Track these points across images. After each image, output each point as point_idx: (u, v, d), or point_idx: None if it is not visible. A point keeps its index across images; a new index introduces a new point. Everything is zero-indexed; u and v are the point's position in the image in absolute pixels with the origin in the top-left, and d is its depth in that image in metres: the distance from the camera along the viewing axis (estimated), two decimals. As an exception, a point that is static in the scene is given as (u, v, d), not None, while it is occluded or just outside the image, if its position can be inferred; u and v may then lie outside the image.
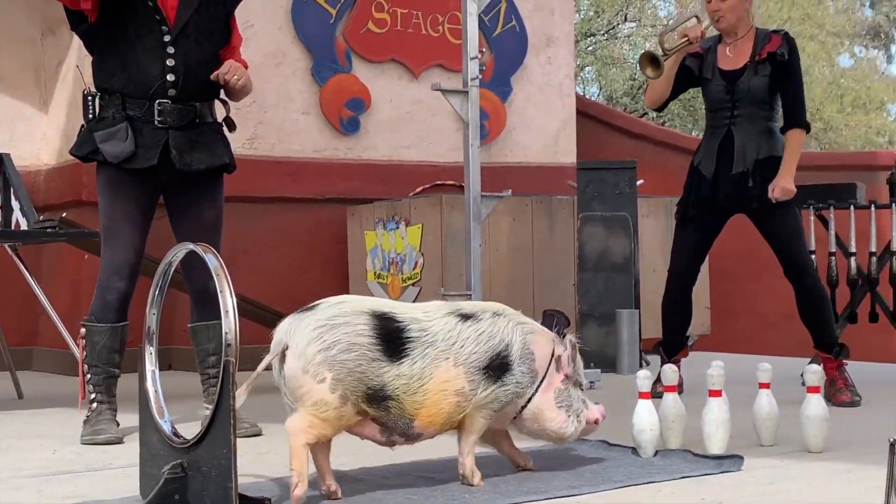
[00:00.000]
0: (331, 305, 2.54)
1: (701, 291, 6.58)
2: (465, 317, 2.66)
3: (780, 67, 4.25)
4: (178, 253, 2.52)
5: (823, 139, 19.59)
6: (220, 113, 3.85)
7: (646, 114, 16.88)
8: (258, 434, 3.68)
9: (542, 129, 7.48)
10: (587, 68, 18.28)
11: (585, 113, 8.17)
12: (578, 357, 2.83)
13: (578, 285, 5.88)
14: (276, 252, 6.52)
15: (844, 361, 4.27)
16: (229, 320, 2.26)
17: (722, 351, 6.71)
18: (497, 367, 2.64)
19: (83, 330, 3.69)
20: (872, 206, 4.95)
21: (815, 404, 3.17)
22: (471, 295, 4.56)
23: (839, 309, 4.98)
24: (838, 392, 4.20)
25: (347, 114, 6.75)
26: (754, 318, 8.23)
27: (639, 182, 5.96)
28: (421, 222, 5.98)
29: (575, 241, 6.00)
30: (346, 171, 6.71)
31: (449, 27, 6.99)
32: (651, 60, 4.29)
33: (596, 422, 2.86)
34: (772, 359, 6.03)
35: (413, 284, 6.02)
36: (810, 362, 4.75)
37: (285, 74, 6.58)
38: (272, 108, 6.54)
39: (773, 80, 4.27)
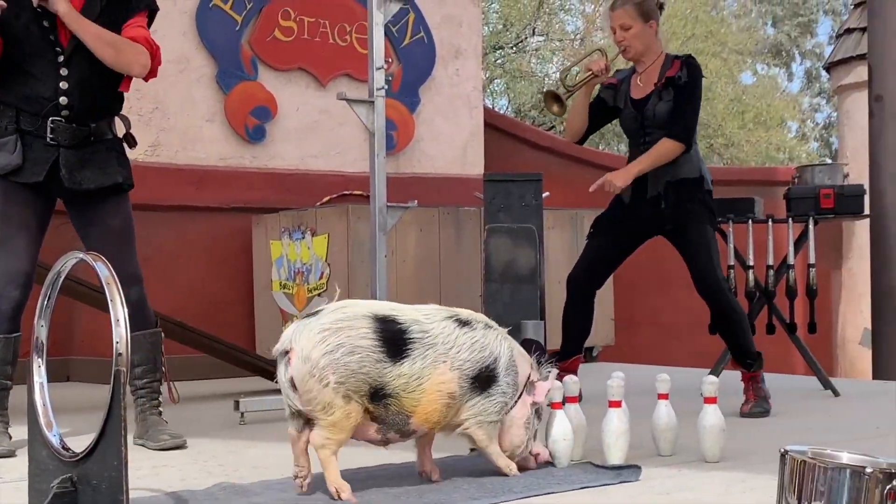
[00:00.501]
0: (334, 310, 2.66)
1: (605, 303, 6.67)
2: (462, 323, 2.82)
3: (677, 90, 4.30)
4: (67, 262, 2.45)
5: (725, 154, 20.02)
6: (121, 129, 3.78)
7: (553, 127, 17.06)
8: (181, 447, 3.61)
9: (450, 141, 7.50)
10: (496, 81, 18.41)
11: (493, 125, 8.21)
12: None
13: (484, 296, 5.88)
14: (179, 262, 6.40)
15: (758, 373, 4.36)
16: (120, 330, 2.21)
17: (625, 362, 6.80)
18: (485, 379, 2.80)
19: None
20: (770, 220, 5.06)
21: (712, 414, 3.22)
22: (375, 306, 4.54)
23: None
24: (744, 403, 4.30)
25: (253, 122, 6.68)
26: (657, 330, 8.36)
27: (545, 194, 5.99)
28: (327, 232, 5.93)
29: (481, 252, 6.02)
30: (252, 180, 6.63)
31: (357, 37, 6.97)
32: (554, 98, 4.36)
33: (537, 457, 3.01)
34: (673, 370, 6.13)
35: (319, 295, 5.97)
36: (709, 373, 4.83)
37: (189, 81, 6.48)
38: (175, 115, 6.44)
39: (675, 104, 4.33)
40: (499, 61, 17.95)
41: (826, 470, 1.83)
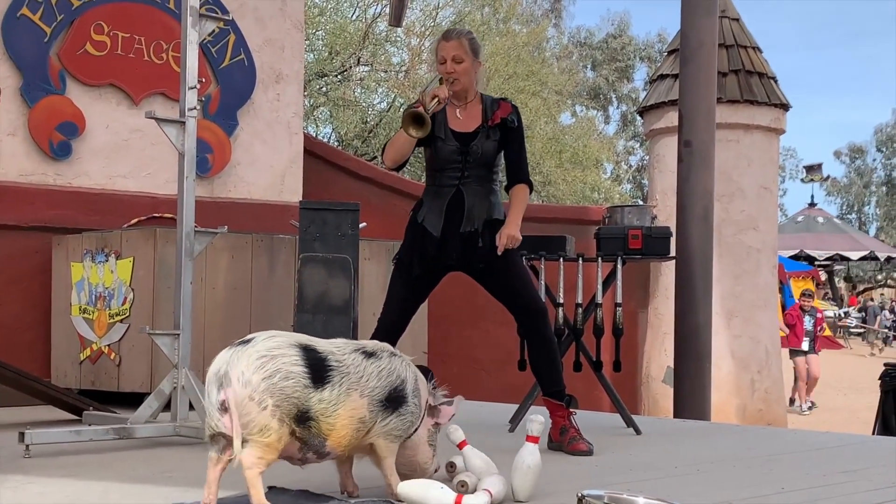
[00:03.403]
0: (266, 339, 2.85)
1: (419, 335, 6.64)
2: (368, 354, 3.02)
3: (509, 133, 4.35)
4: None
5: (542, 192, 20.48)
6: None
7: (375, 157, 17.07)
8: None
9: (268, 166, 7.35)
10: (320, 108, 18.29)
11: (313, 152, 8.11)
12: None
13: (296, 327, 5.76)
14: (-30, 281, 6.02)
15: (574, 410, 4.39)
16: None
17: (437, 395, 6.76)
18: (394, 400, 3.02)
19: None
20: (580, 258, 5.13)
21: (532, 453, 3.21)
22: (178, 334, 4.36)
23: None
24: (573, 440, 4.27)
25: (58, 138, 6.37)
26: (469, 363, 8.39)
27: (362, 225, 5.94)
28: (132, 255, 5.69)
29: (294, 281, 5.89)
30: (54, 198, 6.31)
31: (173, 55, 6.75)
32: (415, 119, 4.21)
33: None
34: (483, 404, 6.15)
35: (121, 321, 5.71)
36: (518, 408, 4.84)
37: (-10, 91, 6.14)
38: (-27, 127, 6.07)
39: (500, 145, 4.35)
40: (323, 89, 17.86)
41: (622, 516, 1.81)
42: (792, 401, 14.17)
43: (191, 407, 4.35)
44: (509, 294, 4.31)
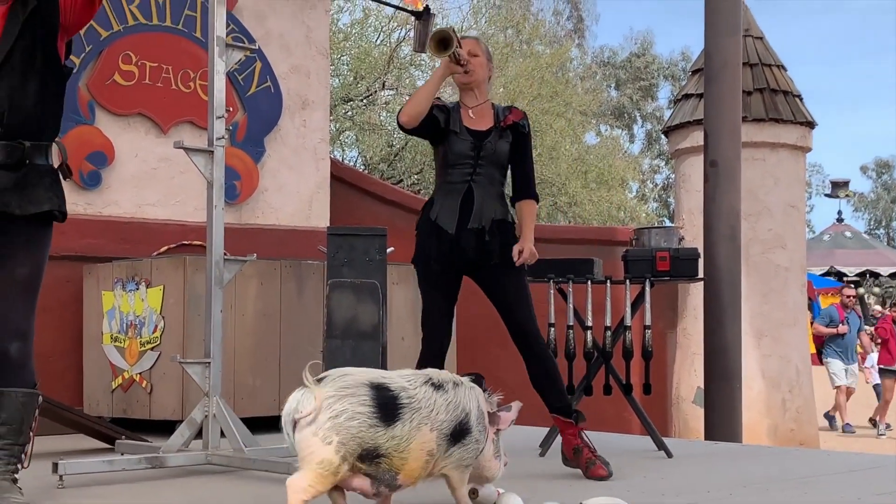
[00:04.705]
0: (336, 378, 2.98)
1: (447, 358, 6.63)
2: (437, 386, 3.13)
3: (520, 138, 4.43)
4: None
5: (568, 213, 20.46)
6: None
7: (401, 181, 17.12)
8: None
9: (296, 192, 7.39)
10: (346, 133, 18.38)
11: (340, 178, 8.14)
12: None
13: (325, 353, 5.77)
14: (2, 311, 6.07)
15: (583, 426, 4.37)
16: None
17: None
18: (461, 432, 3.13)
19: None
20: (608, 281, 5.13)
21: None
22: (209, 363, 4.38)
23: (575, 381, 5.11)
24: (591, 465, 4.24)
25: (88, 167, 6.43)
26: (497, 386, 8.36)
27: (389, 249, 5.95)
28: (163, 284, 5.73)
29: (323, 307, 5.91)
30: (85, 228, 6.36)
31: (201, 84, 6.80)
32: (443, 43, 4.24)
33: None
34: (513, 427, 6.13)
35: (152, 349, 5.75)
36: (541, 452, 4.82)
37: (21, 123, 6.20)
38: (5, 158, 6.13)
39: (511, 149, 4.42)
40: (348, 113, 17.95)
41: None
42: (873, 422, 13.58)
43: (222, 435, 4.37)
44: (506, 308, 4.36)
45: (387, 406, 2.97)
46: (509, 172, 4.51)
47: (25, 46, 3.49)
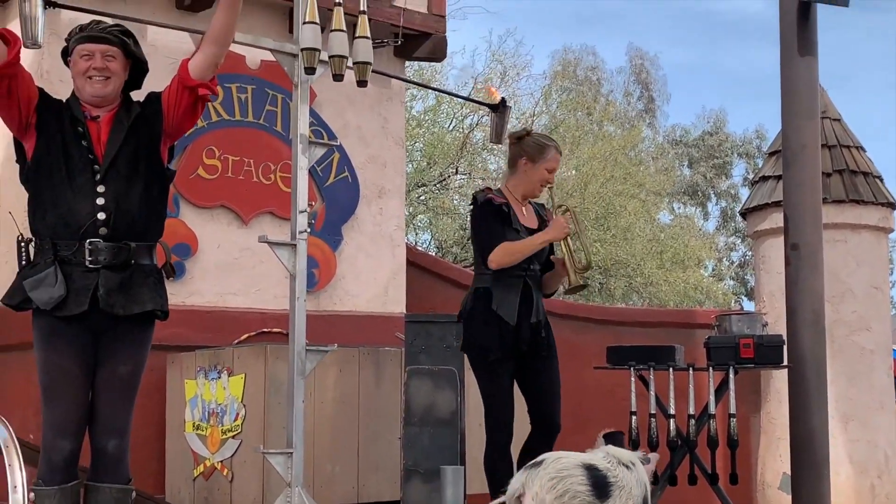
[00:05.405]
0: (554, 461, 3.31)
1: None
2: (626, 466, 3.42)
3: None
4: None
5: (644, 294, 20.28)
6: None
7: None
8: None
9: (372, 279, 7.46)
10: (419, 217, 18.55)
11: (415, 263, 8.21)
12: None
13: (404, 440, 5.77)
14: (88, 400, 6.18)
15: None
16: (17, 497, 2.08)
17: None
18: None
19: (32, 495, 3.41)
20: (691, 368, 5.07)
21: None
22: (291, 453, 4.40)
23: (659, 470, 5.03)
24: None
25: (173, 258, 6.55)
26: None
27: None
28: (244, 372, 5.79)
29: (401, 394, 5.92)
30: (169, 317, 6.45)
31: (281, 175, 6.96)
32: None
33: None
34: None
35: (234, 437, 5.79)
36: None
37: (109, 216, 6.38)
38: (93, 250, 6.30)
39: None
40: (422, 198, 18.13)
41: None
42: None
43: (304, 525, 4.36)
44: (540, 397, 4.55)
45: (599, 485, 3.30)
46: None
47: (130, 152, 3.62)
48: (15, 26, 5.11)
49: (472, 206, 4.77)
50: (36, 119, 3.58)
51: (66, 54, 3.77)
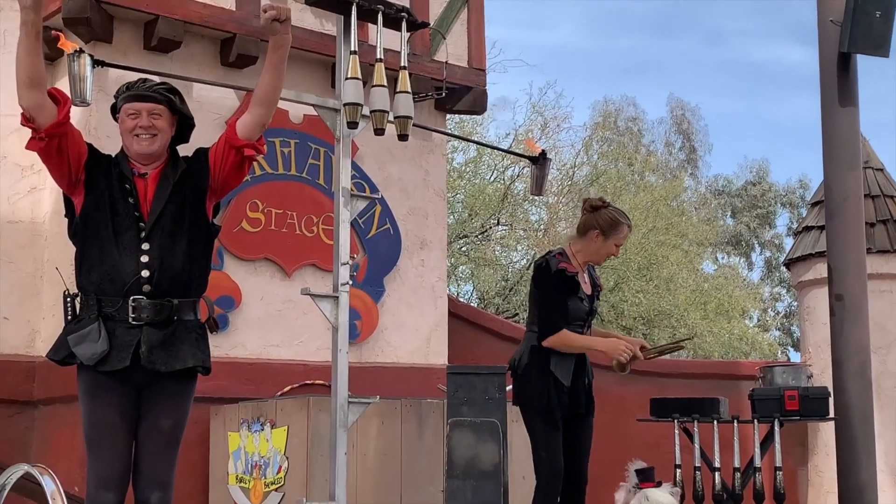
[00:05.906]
0: None
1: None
2: None
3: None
4: (12, 475, 2.36)
5: (689, 346, 20.10)
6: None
7: (516, 314, 17.12)
8: None
9: (414, 330, 7.48)
10: (461, 268, 18.57)
11: (457, 314, 8.22)
12: None
13: (446, 493, 5.74)
14: (133, 452, 6.22)
15: None
16: (64, 549, 2.10)
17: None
18: None
19: None
20: (735, 421, 5.02)
21: None
22: (334, 506, 4.40)
23: (705, 524, 4.98)
24: None
25: (217, 311, 6.61)
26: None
27: (509, 387, 5.94)
28: (287, 424, 5.81)
29: (444, 446, 5.90)
30: (213, 370, 6.49)
31: (324, 228, 7.02)
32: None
33: None
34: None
35: (276, 489, 5.80)
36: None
37: (154, 269, 6.46)
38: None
39: None
40: (463, 249, 18.17)
41: None
42: None
43: (347, 579, 4.35)
44: (577, 453, 4.72)
45: None
46: None
47: (175, 208, 3.67)
48: (64, 84, 5.24)
49: (540, 266, 4.82)
50: (85, 176, 3.64)
51: (114, 111, 3.84)
